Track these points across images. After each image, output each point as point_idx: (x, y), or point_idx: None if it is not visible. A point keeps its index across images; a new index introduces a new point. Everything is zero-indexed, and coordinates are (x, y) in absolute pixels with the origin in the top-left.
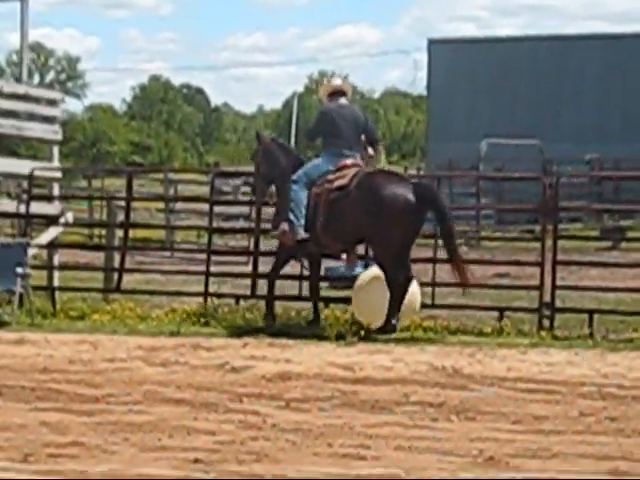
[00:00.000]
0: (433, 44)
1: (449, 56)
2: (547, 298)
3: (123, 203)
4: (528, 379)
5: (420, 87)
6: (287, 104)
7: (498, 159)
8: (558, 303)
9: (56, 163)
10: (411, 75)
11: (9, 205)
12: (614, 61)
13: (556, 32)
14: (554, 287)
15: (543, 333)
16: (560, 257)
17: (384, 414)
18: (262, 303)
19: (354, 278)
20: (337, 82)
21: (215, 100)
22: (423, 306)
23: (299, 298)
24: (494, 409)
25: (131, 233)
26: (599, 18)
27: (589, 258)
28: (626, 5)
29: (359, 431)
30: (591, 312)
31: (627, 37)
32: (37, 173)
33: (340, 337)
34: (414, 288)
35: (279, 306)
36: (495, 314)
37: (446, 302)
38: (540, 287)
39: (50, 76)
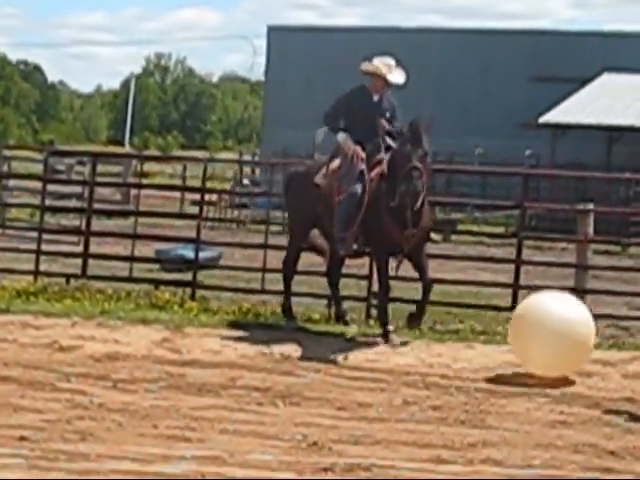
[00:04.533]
0: (272, 31)
1: (288, 43)
2: (376, 287)
3: None
4: (354, 367)
5: (258, 73)
6: (125, 85)
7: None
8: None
9: None
10: (250, 61)
11: None
12: (450, 55)
13: (395, 24)
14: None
15: (371, 321)
16: None
17: (210, 397)
18: (92, 283)
19: (185, 260)
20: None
21: (52, 77)
22: (252, 292)
23: (129, 279)
24: (319, 395)
25: None
26: (439, 12)
27: None
28: (466, 1)
29: (185, 413)
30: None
31: (462, 32)
32: None
33: (170, 320)
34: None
35: (108, 286)
36: (324, 301)
37: (276, 288)
38: (369, 277)
39: None
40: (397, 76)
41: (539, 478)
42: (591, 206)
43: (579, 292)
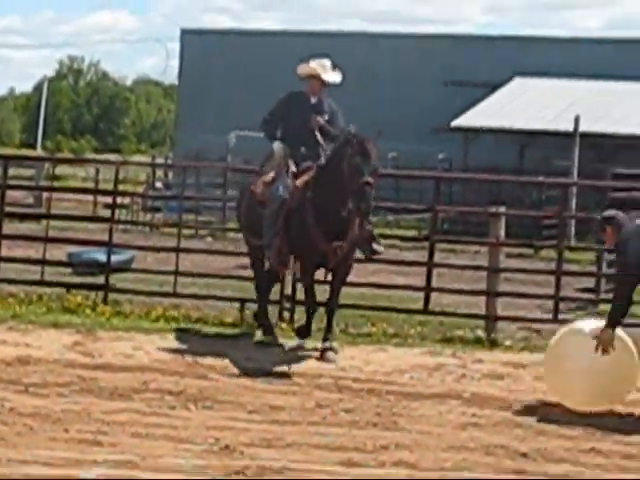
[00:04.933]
0: (185, 34)
1: (201, 46)
2: (288, 290)
3: None
4: (267, 370)
5: (172, 76)
6: (38, 88)
7: (246, 151)
8: (299, 295)
9: None
10: (163, 64)
11: None
12: (363, 59)
13: (310, 28)
14: (295, 279)
15: (283, 324)
16: None
17: (123, 401)
18: (4, 286)
19: (97, 264)
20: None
21: None
22: (165, 295)
23: (41, 283)
24: (232, 398)
25: None
26: (355, 16)
27: None
28: (382, 6)
29: (97, 417)
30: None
31: (376, 36)
32: None
33: (82, 324)
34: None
35: (20, 290)
36: (237, 305)
37: (188, 291)
38: (282, 280)
39: None
40: (333, 75)
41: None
42: (503, 209)
43: (490, 294)
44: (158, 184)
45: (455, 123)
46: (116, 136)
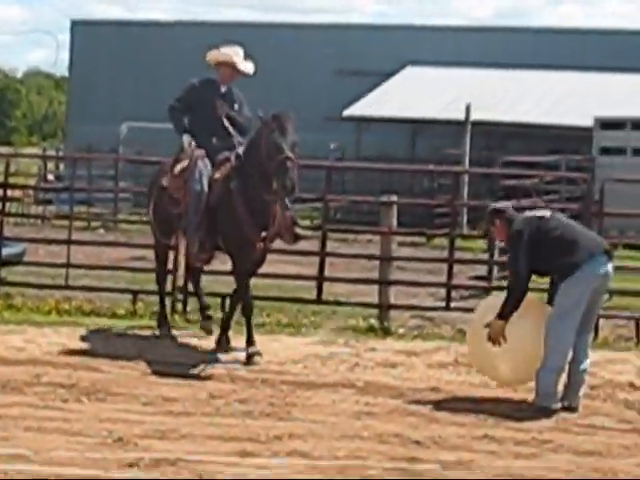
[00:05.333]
0: (76, 25)
1: (92, 38)
2: (181, 282)
3: None
4: (160, 361)
5: (63, 68)
6: None
7: (138, 142)
8: (191, 287)
9: None
10: (54, 56)
11: None
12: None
13: (202, 18)
14: (188, 271)
15: (176, 316)
16: None
17: (14, 395)
18: None
19: None
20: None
21: None
22: (56, 288)
23: None
24: (125, 390)
25: None
26: (248, 7)
27: None
28: None
29: None
30: (224, 296)
31: (268, 26)
32: None
33: None
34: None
35: None
36: (129, 296)
37: (80, 283)
38: (174, 271)
39: None
40: (247, 65)
41: (345, 469)
42: (394, 198)
43: (383, 283)
44: (50, 176)
45: (347, 112)
46: (7, 128)
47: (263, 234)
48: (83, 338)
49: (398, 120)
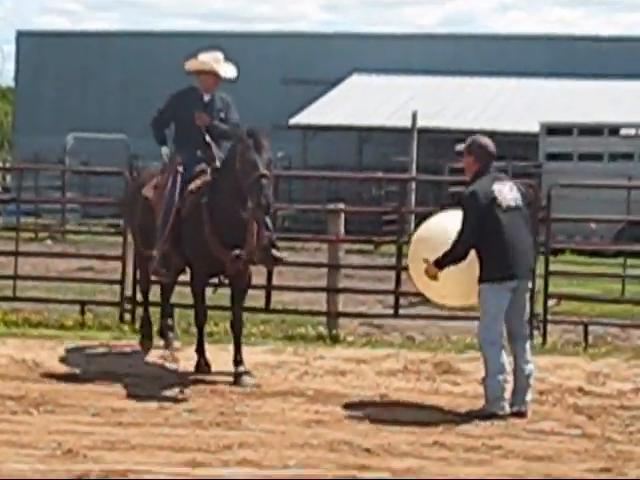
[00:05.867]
0: (22, 36)
1: (37, 48)
2: (129, 292)
3: None
4: (109, 372)
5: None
6: None
7: (84, 153)
8: (139, 297)
9: None
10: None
11: None
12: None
13: (148, 28)
14: (135, 281)
15: (124, 326)
16: None
17: None
18: None
19: None
20: None
21: None
22: (4, 299)
23: None
24: (74, 402)
25: None
26: (192, 16)
27: None
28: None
29: None
30: (173, 306)
31: (213, 35)
32: None
33: None
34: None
35: None
36: (78, 308)
37: (28, 295)
38: (122, 281)
39: None
40: (228, 70)
41: (296, 478)
42: (342, 206)
43: (331, 291)
44: None
45: (293, 121)
46: None
47: (236, 252)
48: (30, 349)
49: (345, 128)
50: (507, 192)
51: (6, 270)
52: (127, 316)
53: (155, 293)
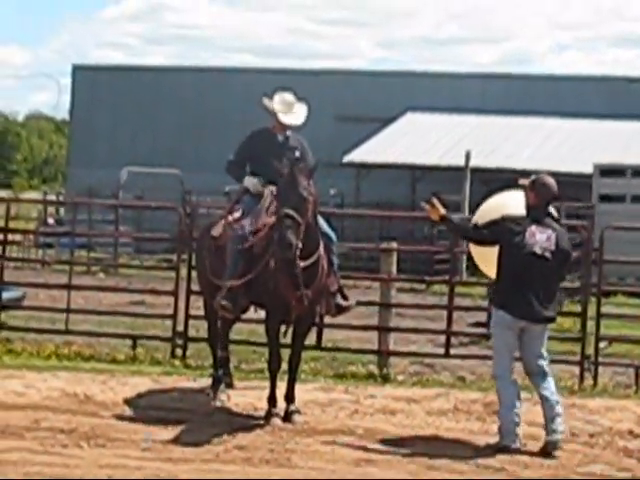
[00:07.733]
0: (77, 69)
1: (92, 82)
2: (180, 327)
3: None
4: (159, 407)
5: (64, 111)
6: None
7: (138, 187)
8: (191, 332)
9: None
10: (55, 99)
11: None
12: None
13: (203, 64)
14: (187, 316)
15: (176, 362)
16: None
17: (14, 440)
18: None
19: None
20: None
21: None
22: (56, 332)
23: None
24: (125, 436)
25: None
26: (248, 51)
27: None
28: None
29: None
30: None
31: (267, 72)
32: None
33: None
34: None
35: None
36: (129, 342)
37: (80, 328)
38: (174, 316)
39: None
40: (293, 117)
41: None
42: (394, 244)
43: (382, 330)
44: (50, 220)
45: (347, 158)
46: (7, 172)
47: (301, 292)
48: (82, 383)
49: (398, 166)
50: (541, 239)
51: (59, 303)
52: (178, 351)
53: (201, 328)
